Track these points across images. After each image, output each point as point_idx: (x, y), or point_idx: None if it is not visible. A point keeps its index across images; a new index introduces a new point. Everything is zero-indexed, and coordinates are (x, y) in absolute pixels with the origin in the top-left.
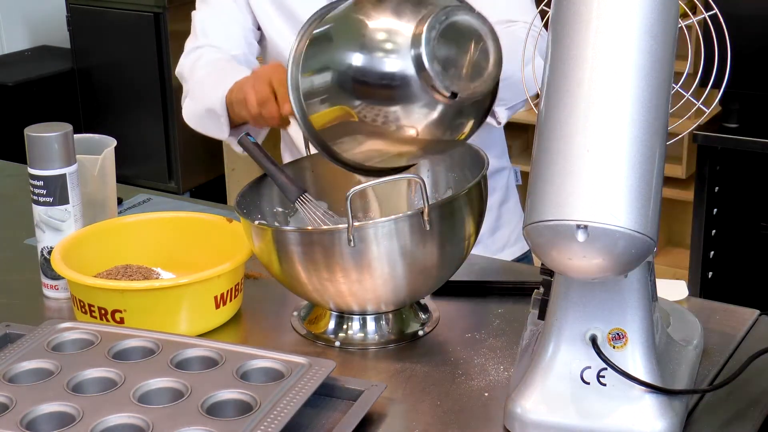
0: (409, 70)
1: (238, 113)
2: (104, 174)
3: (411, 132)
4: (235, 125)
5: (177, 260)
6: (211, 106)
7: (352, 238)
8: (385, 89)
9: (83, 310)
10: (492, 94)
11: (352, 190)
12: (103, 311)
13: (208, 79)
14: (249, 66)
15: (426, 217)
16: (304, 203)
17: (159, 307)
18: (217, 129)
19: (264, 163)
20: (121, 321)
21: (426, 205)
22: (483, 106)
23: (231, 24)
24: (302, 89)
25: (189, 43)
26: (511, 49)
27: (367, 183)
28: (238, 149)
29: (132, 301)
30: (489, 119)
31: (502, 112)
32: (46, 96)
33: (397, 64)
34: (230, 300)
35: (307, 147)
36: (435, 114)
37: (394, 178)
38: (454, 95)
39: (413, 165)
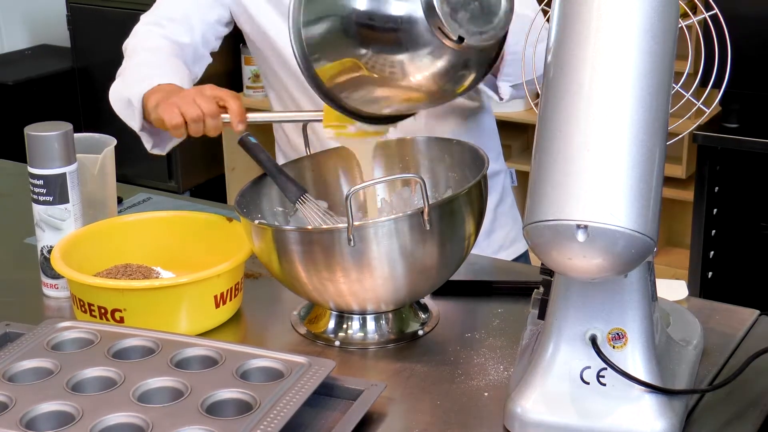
0: (417, 12)
1: (157, 119)
2: (104, 173)
3: (413, 80)
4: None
5: (177, 259)
6: (130, 96)
7: (351, 237)
8: (391, 33)
9: (83, 309)
10: (498, 47)
11: (351, 189)
12: (102, 310)
13: (140, 68)
14: (196, 58)
15: (426, 217)
16: (304, 203)
17: (159, 306)
18: (131, 119)
19: (264, 163)
20: (121, 320)
21: (426, 204)
22: (487, 60)
23: (192, 12)
24: (304, 37)
25: (145, 17)
26: (521, 28)
27: (367, 183)
28: (147, 144)
29: (132, 300)
30: (491, 93)
31: (505, 88)
32: (46, 95)
33: (405, 7)
34: (230, 299)
35: (306, 146)
36: (439, 63)
37: (394, 177)
38: (461, 39)
39: (412, 114)
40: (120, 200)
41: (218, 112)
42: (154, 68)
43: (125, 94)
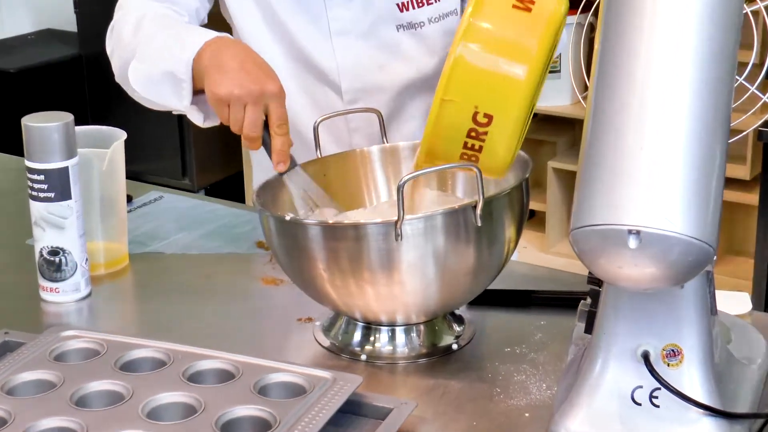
0: None
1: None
2: (113, 169)
3: None
4: (197, 92)
5: None
6: (171, 69)
7: (400, 232)
8: None
9: None
10: None
11: (405, 177)
12: None
13: (162, 37)
14: (200, 21)
15: (479, 211)
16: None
17: None
18: (175, 96)
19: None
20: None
21: (481, 198)
22: None
23: None
24: None
25: None
26: None
27: (421, 171)
28: (198, 120)
29: None
30: None
31: None
32: (50, 84)
33: None
34: None
35: (317, 147)
36: None
37: (447, 167)
38: None
39: None
40: (130, 199)
41: (259, 136)
42: (181, 32)
43: (160, 69)
